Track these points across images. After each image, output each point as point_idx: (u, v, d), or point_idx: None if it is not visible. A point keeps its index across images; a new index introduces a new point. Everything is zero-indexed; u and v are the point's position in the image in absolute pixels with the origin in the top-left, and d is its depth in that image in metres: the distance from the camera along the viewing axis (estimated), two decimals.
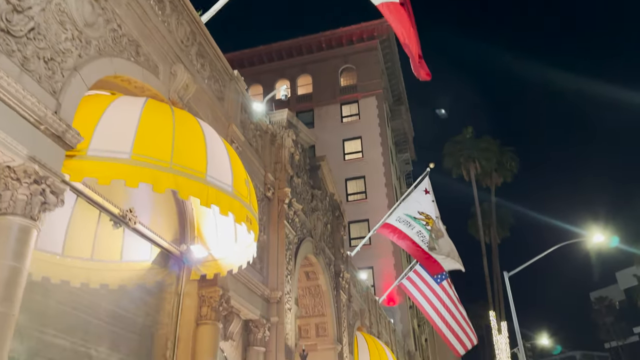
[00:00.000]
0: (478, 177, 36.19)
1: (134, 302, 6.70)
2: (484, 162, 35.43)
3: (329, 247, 14.21)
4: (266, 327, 8.89)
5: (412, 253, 16.70)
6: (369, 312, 19.58)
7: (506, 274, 22.99)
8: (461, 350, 21.95)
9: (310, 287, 13.25)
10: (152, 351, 6.74)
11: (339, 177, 36.20)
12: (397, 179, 41.07)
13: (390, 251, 34.78)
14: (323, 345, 12.82)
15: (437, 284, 22.69)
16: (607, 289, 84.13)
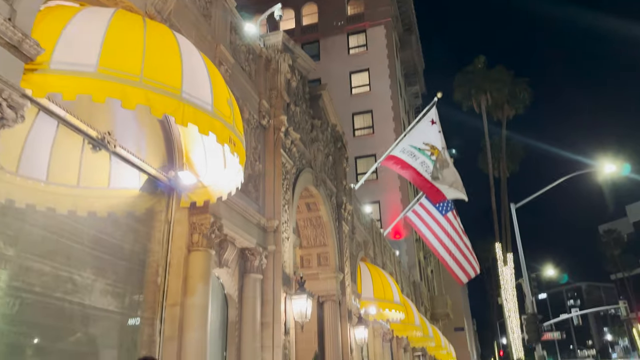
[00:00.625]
0: (489, 109, 35.23)
1: (121, 229, 6.54)
2: (496, 93, 34.31)
3: (330, 179, 13.97)
4: (263, 255, 8.82)
5: (415, 182, 16.48)
6: (373, 243, 19.69)
7: (513, 205, 22.83)
8: (464, 278, 22.27)
9: (311, 218, 13.15)
10: (143, 278, 6.67)
11: (345, 112, 35.50)
12: (406, 113, 40.21)
13: (397, 186, 34.68)
14: (325, 275, 12.90)
15: (442, 215, 22.67)
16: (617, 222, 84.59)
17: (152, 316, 6.58)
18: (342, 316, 12.96)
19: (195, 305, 6.68)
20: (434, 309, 34.74)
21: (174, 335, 6.46)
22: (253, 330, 8.27)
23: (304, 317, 8.82)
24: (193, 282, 6.80)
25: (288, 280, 9.27)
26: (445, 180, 15.82)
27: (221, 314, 8.19)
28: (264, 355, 8.34)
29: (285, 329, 8.72)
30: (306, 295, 8.89)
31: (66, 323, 5.56)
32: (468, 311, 68.16)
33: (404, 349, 23.34)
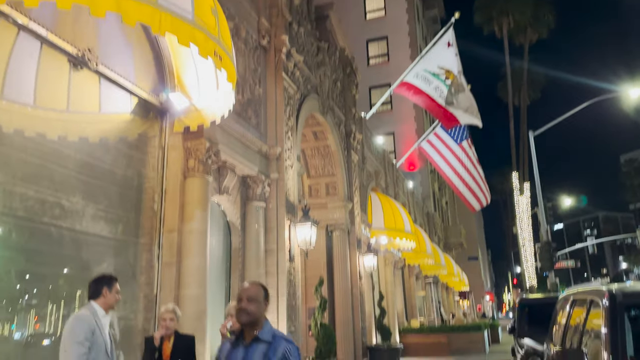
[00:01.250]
0: (511, 33, 33.37)
1: (114, 154, 6.31)
2: (518, 16, 32.30)
3: (338, 106, 13.48)
4: (265, 183, 8.61)
5: (428, 108, 15.87)
6: (385, 174, 19.42)
7: (531, 132, 22.09)
8: (477, 205, 22.13)
9: (319, 147, 12.83)
10: (139, 204, 6.52)
11: (359, 38, 34.08)
12: (423, 39, 38.44)
13: (412, 116, 33.86)
14: (333, 204, 12.77)
15: (456, 144, 22.16)
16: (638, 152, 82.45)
17: (150, 242, 6.50)
18: (350, 244, 12.95)
19: (193, 231, 6.56)
20: (448, 239, 35.02)
21: (172, 261, 6.40)
22: (257, 257, 8.22)
23: (309, 244, 8.73)
24: (190, 209, 6.64)
25: (292, 209, 9.11)
26: (459, 105, 15.18)
27: (224, 241, 8.13)
28: (268, 281, 8.34)
29: (289, 256, 8.67)
30: (310, 222, 8.75)
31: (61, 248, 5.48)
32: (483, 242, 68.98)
33: (416, 276, 23.71)
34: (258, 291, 2.78)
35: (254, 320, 2.69)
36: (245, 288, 2.82)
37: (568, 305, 4.92)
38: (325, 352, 8.00)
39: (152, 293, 6.30)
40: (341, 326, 11.87)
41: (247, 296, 2.72)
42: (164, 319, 4.17)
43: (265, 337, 2.66)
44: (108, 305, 3.63)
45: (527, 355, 7.60)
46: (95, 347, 3.37)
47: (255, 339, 2.67)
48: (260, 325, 2.71)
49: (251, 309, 2.69)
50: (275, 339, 2.66)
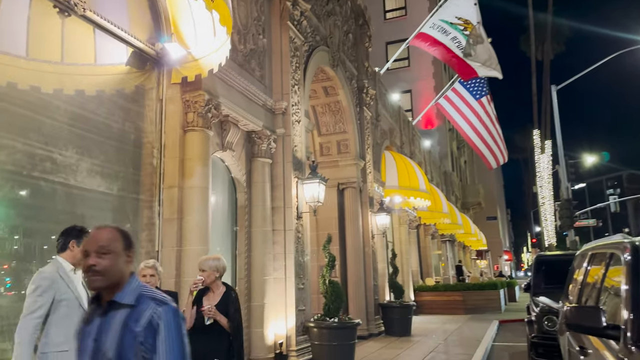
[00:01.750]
0: None
1: (109, 107, 6.06)
2: None
3: (350, 60, 12.94)
4: (271, 139, 8.31)
5: (444, 60, 15.18)
6: (400, 132, 18.94)
7: (554, 87, 21.21)
8: (494, 163, 21.60)
9: (329, 104, 12.41)
10: (139, 159, 6.31)
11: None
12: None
13: (430, 73, 32.88)
14: (345, 162, 12.45)
15: (475, 100, 21.42)
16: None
17: (150, 199, 6.33)
18: (362, 203, 12.70)
19: (194, 187, 6.35)
20: (465, 198, 34.57)
21: (174, 218, 6.23)
22: (263, 214, 8.03)
23: (317, 201, 8.49)
24: (191, 164, 6.41)
25: (300, 165, 8.84)
26: (478, 58, 14.47)
27: (229, 198, 7.93)
28: (275, 239, 8.18)
29: (297, 214, 8.46)
30: (318, 180, 8.47)
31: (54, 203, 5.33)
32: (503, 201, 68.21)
33: (432, 235, 23.51)
34: (113, 238, 1.93)
35: (112, 282, 1.89)
36: (93, 235, 1.95)
37: (586, 261, 4.61)
38: (333, 309, 7.89)
39: (153, 250, 6.17)
40: (353, 284, 11.78)
41: (96, 248, 1.88)
42: (144, 275, 3.93)
43: (125, 300, 1.88)
44: (75, 260, 3.39)
45: (542, 313, 7.35)
46: (66, 302, 3.19)
47: (111, 304, 1.89)
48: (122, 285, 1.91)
49: (105, 266, 1.87)
50: (141, 301, 1.88)
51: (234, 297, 3.91)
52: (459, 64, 14.56)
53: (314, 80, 11.83)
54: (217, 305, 3.78)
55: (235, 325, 3.75)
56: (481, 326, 13.86)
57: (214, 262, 3.92)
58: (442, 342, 10.97)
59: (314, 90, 12.15)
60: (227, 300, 3.82)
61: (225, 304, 3.79)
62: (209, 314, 3.66)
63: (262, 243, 7.93)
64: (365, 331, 11.63)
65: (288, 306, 7.97)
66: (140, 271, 3.88)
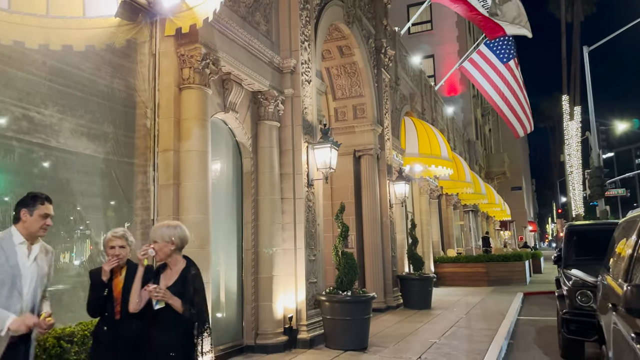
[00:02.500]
0: None
1: (98, 64, 5.51)
2: None
3: (367, 17, 12.09)
4: (279, 100, 7.69)
5: (469, 18, 14.15)
6: (421, 97, 18.04)
7: (586, 48, 19.90)
8: (521, 131, 20.51)
9: (345, 65, 11.65)
10: (132, 120, 5.78)
11: None
12: None
13: (454, 36, 31.47)
14: (361, 127, 11.76)
15: (502, 63, 20.25)
16: None
17: (145, 163, 5.82)
18: (380, 171, 12.05)
19: (191, 150, 5.81)
20: (490, 168, 33.51)
21: (170, 184, 5.72)
22: (271, 181, 7.48)
23: (328, 167, 7.89)
24: (188, 125, 5.85)
25: (311, 129, 8.21)
26: (505, 17, 13.43)
27: (234, 164, 7.40)
28: (284, 207, 7.65)
29: (308, 181, 7.88)
30: (330, 144, 7.85)
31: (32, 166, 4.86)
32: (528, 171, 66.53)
33: (454, 206, 22.76)
34: None
35: None
36: None
37: (635, 233, 3.93)
38: (346, 282, 7.38)
39: (149, 219, 5.69)
40: (370, 255, 11.26)
41: None
42: (112, 246, 3.27)
43: None
44: (29, 232, 2.88)
45: (575, 287, 6.71)
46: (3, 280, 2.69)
47: None
48: None
49: None
50: None
51: (194, 275, 3.15)
52: (485, 22, 13.55)
53: (327, 39, 11.07)
54: (172, 285, 3.05)
55: (196, 312, 3.02)
56: (505, 299, 13.27)
57: (168, 230, 3.15)
58: (463, 316, 10.43)
59: (328, 51, 11.40)
60: (184, 280, 3.08)
61: (182, 284, 3.06)
62: (155, 295, 2.95)
63: (270, 212, 7.41)
64: (383, 304, 11.16)
65: (298, 279, 7.49)
66: (107, 242, 3.31)
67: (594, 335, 6.52)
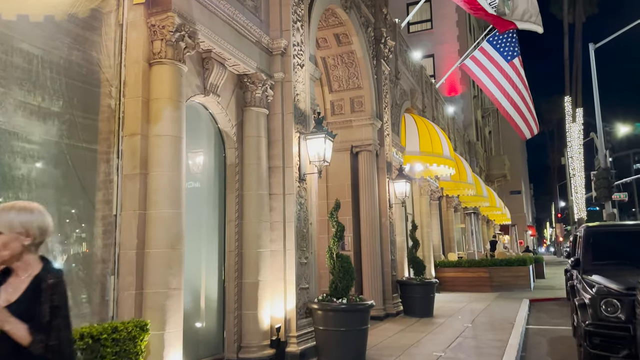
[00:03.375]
0: None
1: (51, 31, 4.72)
2: None
3: (366, 4, 11.33)
4: (267, 85, 6.90)
5: (475, 14, 13.36)
6: (422, 94, 17.30)
7: (592, 45, 19.19)
8: (527, 133, 19.66)
9: (342, 55, 10.88)
10: (92, 99, 4.99)
11: None
12: None
13: (455, 36, 30.81)
14: (359, 122, 10.98)
15: (506, 62, 19.52)
16: None
17: (108, 149, 5.03)
18: (379, 168, 11.26)
19: (162, 135, 5.02)
20: (490, 170, 32.77)
21: (135, 173, 4.92)
22: (257, 174, 6.69)
23: (322, 160, 7.10)
24: (158, 106, 5.06)
25: (303, 118, 7.43)
26: (513, 13, 12.61)
27: (216, 155, 6.60)
28: (272, 204, 6.85)
29: (299, 175, 7.09)
30: (324, 134, 7.06)
31: None
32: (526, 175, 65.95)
33: (455, 208, 21.98)
34: None
35: None
36: None
37: None
38: (342, 288, 6.58)
39: (111, 214, 4.90)
40: (368, 259, 10.46)
41: None
42: None
43: None
44: None
45: (600, 296, 5.93)
46: None
47: None
48: None
49: None
50: None
51: (52, 285, 2.00)
52: (493, 18, 12.73)
53: (323, 26, 10.32)
54: (16, 302, 1.97)
55: (54, 345, 1.90)
56: (511, 306, 12.47)
57: (18, 216, 2.04)
58: (469, 325, 9.63)
59: (324, 39, 10.64)
60: (36, 293, 1.99)
61: (33, 299, 1.98)
62: None
63: (257, 209, 6.61)
64: (382, 311, 10.36)
65: (288, 284, 6.69)
66: None
67: (623, 349, 5.77)
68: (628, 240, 7.23)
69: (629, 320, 5.69)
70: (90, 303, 4.77)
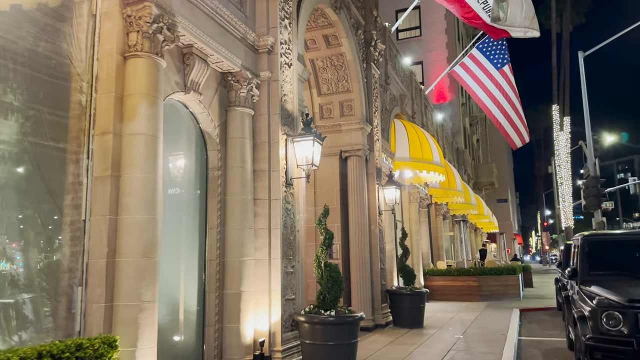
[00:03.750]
0: None
1: (16, 19, 4.33)
2: None
3: (356, 5, 11.07)
4: (253, 84, 6.55)
5: (466, 21, 13.13)
6: (411, 100, 17.07)
7: (581, 53, 19.17)
8: (518, 142, 19.50)
9: (331, 57, 10.58)
10: (60, 95, 4.59)
11: None
12: None
13: (444, 43, 30.77)
14: (348, 126, 10.67)
15: (496, 69, 19.40)
16: None
17: (78, 149, 4.62)
18: (369, 174, 10.95)
19: (137, 134, 4.63)
20: (478, 178, 32.70)
21: (107, 175, 4.52)
22: (242, 178, 6.31)
23: (310, 164, 6.75)
24: (133, 102, 4.67)
25: (291, 120, 7.08)
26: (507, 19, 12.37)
27: (198, 157, 6.22)
28: (257, 210, 6.47)
29: (286, 179, 6.73)
30: (312, 136, 6.72)
31: None
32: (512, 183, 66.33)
33: (443, 216, 21.76)
34: None
35: None
36: None
37: None
38: (330, 299, 6.21)
39: (79, 219, 4.48)
40: (356, 268, 10.11)
41: None
42: None
43: None
44: None
45: (601, 308, 5.65)
46: None
47: None
48: None
49: None
50: None
51: None
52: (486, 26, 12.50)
53: (312, 27, 10.02)
54: None
55: None
56: (502, 316, 12.19)
57: None
58: (460, 336, 9.30)
59: (313, 40, 10.33)
60: None
61: None
62: None
63: (240, 215, 6.23)
64: (371, 322, 9.99)
65: (273, 295, 6.30)
66: None
67: None
68: (626, 250, 6.98)
69: (632, 334, 5.41)
70: (55, 317, 4.35)
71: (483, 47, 19.80)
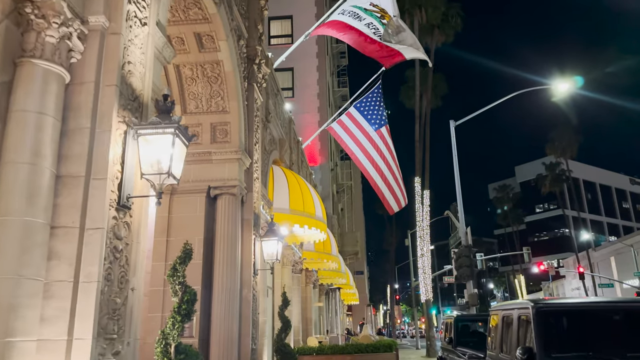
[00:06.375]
0: (422, 29, 31.31)
1: None
2: (431, 10, 30.28)
3: (240, 12, 8.94)
4: (73, 30, 3.79)
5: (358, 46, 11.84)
6: (290, 149, 15.15)
7: (452, 122, 19.46)
8: (395, 207, 18.51)
9: (204, 65, 8.14)
10: None
11: None
12: None
13: (316, 107, 30.28)
14: (222, 155, 8.13)
15: (374, 129, 18.65)
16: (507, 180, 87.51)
17: None
18: (244, 220, 8.35)
19: None
20: (343, 247, 31.61)
21: None
22: (29, 185, 3.33)
23: (165, 173, 4.00)
24: None
25: (137, 105, 4.36)
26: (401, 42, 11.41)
27: None
28: (55, 246, 3.42)
29: (119, 196, 3.87)
30: (173, 129, 4.03)
31: None
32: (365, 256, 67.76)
33: (313, 284, 19.59)
34: None
35: None
36: None
37: None
38: None
39: None
40: (220, 347, 7.18)
41: None
42: None
43: None
44: None
45: None
46: None
47: None
48: None
49: None
50: None
51: None
52: (379, 49, 11.37)
53: (181, 19, 7.58)
54: None
55: None
56: None
57: None
58: None
59: (181, 39, 7.84)
60: None
61: None
62: None
63: (18, 254, 3.19)
64: None
65: None
66: None
67: None
68: (592, 323, 5.32)
69: None
70: None
71: (361, 107, 19.13)
